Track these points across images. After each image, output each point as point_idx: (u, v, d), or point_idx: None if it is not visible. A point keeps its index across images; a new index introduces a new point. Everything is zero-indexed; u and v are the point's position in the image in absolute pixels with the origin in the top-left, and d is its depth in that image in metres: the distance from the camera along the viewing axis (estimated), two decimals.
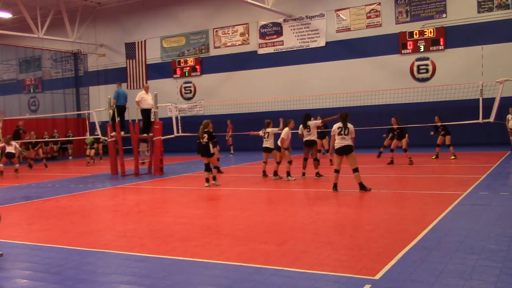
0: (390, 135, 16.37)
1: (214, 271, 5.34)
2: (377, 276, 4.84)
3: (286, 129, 12.77)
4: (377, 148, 18.10)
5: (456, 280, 4.68)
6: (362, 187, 10.27)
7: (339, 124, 10.45)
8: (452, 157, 16.08)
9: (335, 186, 10.51)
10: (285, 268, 5.23)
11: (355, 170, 10.24)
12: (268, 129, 13.62)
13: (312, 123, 12.97)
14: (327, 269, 5.15)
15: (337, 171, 10.53)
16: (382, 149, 17.20)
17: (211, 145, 12.29)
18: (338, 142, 10.39)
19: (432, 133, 17.09)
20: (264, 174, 13.84)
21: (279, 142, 12.99)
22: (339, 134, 10.38)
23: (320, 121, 13.35)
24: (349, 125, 10.42)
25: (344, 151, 10.34)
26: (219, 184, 12.49)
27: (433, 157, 16.52)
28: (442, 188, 10.58)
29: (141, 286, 4.96)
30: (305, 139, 13.04)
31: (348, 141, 10.32)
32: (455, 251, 5.61)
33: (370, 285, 4.60)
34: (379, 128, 18.31)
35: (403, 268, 5.07)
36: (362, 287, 4.58)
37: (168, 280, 5.08)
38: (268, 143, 13.60)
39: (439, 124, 16.49)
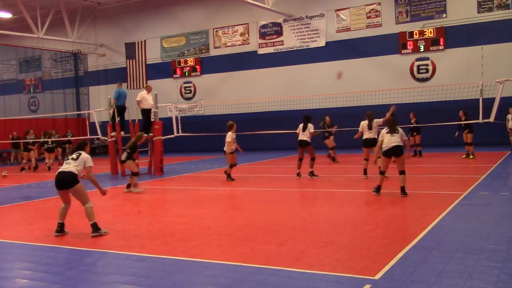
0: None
1: (214, 271, 5.34)
2: (377, 276, 4.84)
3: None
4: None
5: (456, 280, 4.68)
6: (403, 191, 9.46)
7: (387, 129, 9.71)
8: (471, 156, 16.11)
9: (378, 189, 9.68)
10: (285, 268, 5.23)
11: (402, 172, 9.51)
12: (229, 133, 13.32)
13: (310, 126, 13.00)
14: (327, 269, 5.15)
15: (382, 173, 9.66)
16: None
17: (125, 154, 12.03)
18: (387, 143, 9.50)
19: (456, 133, 16.83)
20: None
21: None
22: (388, 133, 9.58)
23: (314, 131, 13.21)
24: (399, 129, 9.68)
25: (393, 152, 9.47)
26: (139, 191, 11.89)
27: (470, 157, 16.18)
28: (442, 188, 10.57)
29: (141, 286, 4.96)
30: (299, 138, 13.11)
31: (398, 142, 9.44)
32: (455, 251, 5.61)
33: (370, 285, 4.60)
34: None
35: (403, 268, 5.07)
36: (362, 287, 4.59)
37: (168, 280, 5.08)
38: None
39: (463, 120, 16.00)
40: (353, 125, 18.19)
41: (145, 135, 16.43)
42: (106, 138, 17.60)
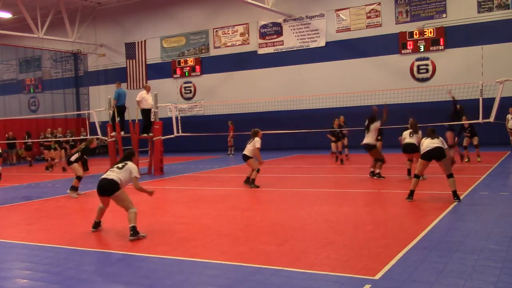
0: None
1: (214, 271, 5.34)
2: (377, 276, 4.84)
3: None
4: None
5: (456, 280, 4.68)
6: (456, 195, 8.82)
7: (426, 137, 9.30)
8: (478, 159, 15.42)
9: (411, 194, 9.10)
10: (285, 268, 5.23)
11: (450, 176, 8.88)
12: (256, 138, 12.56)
13: (372, 126, 12.42)
14: (327, 269, 5.15)
15: (417, 177, 9.19)
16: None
17: (75, 156, 11.93)
18: (427, 145, 9.00)
19: (456, 138, 16.59)
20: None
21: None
22: (427, 139, 9.16)
23: (379, 123, 12.58)
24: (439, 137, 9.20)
25: (433, 154, 8.91)
26: (75, 196, 11.68)
27: (466, 160, 15.56)
28: (442, 188, 10.56)
29: (141, 286, 4.96)
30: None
31: (439, 144, 8.92)
32: (455, 251, 5.61)
33: (370, 285, 4.61)
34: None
35: (403, 268, 5.07)
36: (362, 287, 4.59)
37: (168, 280, 5.08)
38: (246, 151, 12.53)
39: (466, 124, 15.57)
40: (353, 125, 18.22)
41: (145, 134, 16.51)
42: (106, 138, 17.60)
